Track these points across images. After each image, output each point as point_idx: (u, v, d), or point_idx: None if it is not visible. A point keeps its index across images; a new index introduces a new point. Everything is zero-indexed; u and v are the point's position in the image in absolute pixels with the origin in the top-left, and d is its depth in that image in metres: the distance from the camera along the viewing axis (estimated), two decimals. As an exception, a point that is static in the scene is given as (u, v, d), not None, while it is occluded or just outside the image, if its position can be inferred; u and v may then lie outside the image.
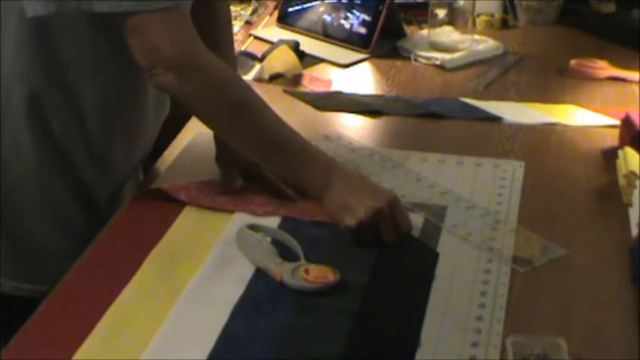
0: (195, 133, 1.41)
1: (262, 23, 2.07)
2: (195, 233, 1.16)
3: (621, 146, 1.32)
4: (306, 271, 1.03)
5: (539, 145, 1.43)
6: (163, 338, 0.95)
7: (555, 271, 1.08)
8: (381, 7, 1.84)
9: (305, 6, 1.98)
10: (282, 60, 1.70)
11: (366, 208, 1.11)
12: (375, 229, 1.12)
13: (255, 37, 1.96)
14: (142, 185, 1.30)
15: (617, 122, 1.42)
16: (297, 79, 1.69)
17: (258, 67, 1.72)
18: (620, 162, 1.27)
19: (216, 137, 1.30)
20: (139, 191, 1.24)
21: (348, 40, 1.88)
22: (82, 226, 1.24)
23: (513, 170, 1.32)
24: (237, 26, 2.03)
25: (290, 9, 2.01)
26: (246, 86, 1.19)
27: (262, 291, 1.03)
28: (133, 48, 1.11)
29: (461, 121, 1.52)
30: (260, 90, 1.64)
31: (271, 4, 2.14)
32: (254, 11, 2.11)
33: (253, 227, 1.13)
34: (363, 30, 1.86)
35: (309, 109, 1.57)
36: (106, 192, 1.27)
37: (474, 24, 1.92)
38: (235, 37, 1.97)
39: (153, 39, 1.09)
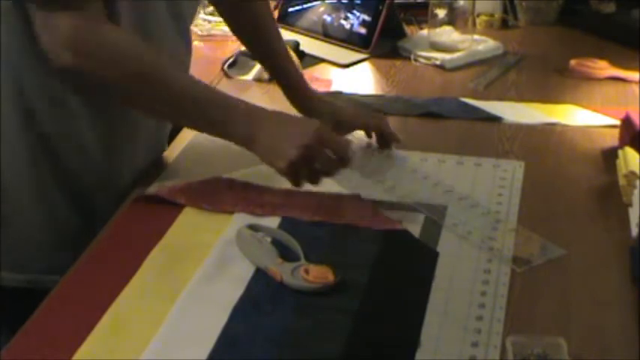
0: (196, 133, 1.41)
1: (262, 23, 2.06)
2: (195, 233, 1.16)
3: (621, 146, 1.32)
4: (306, 271, 1.03)
5: (539, 145, 1.43)
6: (163, 338, 0.95)
7: (555, 271, 1.08)
8: (381, 7, 1.84)
9: (305, 6, 1.98)
10: (282, 60, 1.70)
11: (294, 147, 1.11)
12: (310, 165, 1.13)
13: (255, 37, 1.96)
14: (142, 184, 1.29)
15: (617, 122, 1.42)
16: (297, 79, 1.69)
17: (258, 67, 1.72)
18: (620, 162, 1.27)
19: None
20: (137, 196, 1.24)
21: (348, 40, 1.88)
22: (77, 227, 1.25)
23: (513, 170, 1.32)
24: (237, 26, 2.02)
25: (290, 9, 2.01)
26: (151, 53, 1.15)
27: (262, 291, 1.03)
28: (36, 32, 1.09)
29: (461, 121, 1.52)
30: (260, 90, 1.65)
31: (271, 4, 2.14)
32: (254, 11, 2.11)
33: (253, 227, 1.13)
34: (363, 30, 1.86)
35: (309, 109, 1.57)
36: (106, 200, 1.27)
37: (474, 24, 1.91)
38: (235, 37, 1.97)
39: (49, 19, 1.08)
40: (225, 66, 1.75)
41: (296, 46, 1.76)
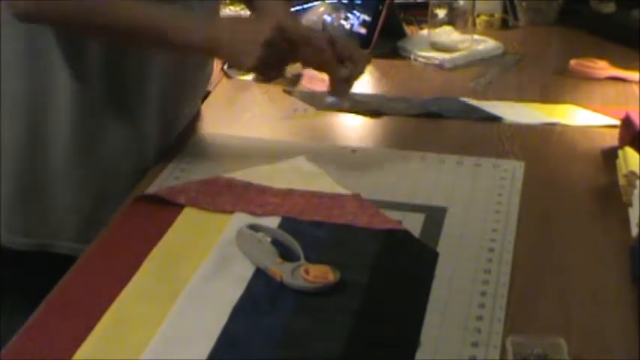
0: (196, 133, 1.41)
1: (262, 23, 2.07)
2: (195, 233, 1.16)
3: (621, 146, 1.32)
4: (306, 271, 1.03)
5: (539, 145, 1.43)
6: (163, 338, 0.95)
7: (555, 271, 1.08)
8: (381, 7, 1.84)
9: (305, 6, 1.98)
10: (282, 60, 1.70)
11: (258, 43, 1.15)
12: (279, 59, 1.18)
13: (255, 37, 1.96)
14: (141, 185, 1.29)
15: (617, 122, 1.42)
16: (297, 79, 1.69)
17: (258, 67, 1.72)
18: (620, 162, 1.27)
19: None
20: (137, 196, 1.24)
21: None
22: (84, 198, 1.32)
23: (513, 170, 1.32)
24: (237, 26, 2.02)
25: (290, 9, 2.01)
26: None
27: (262, 291, 1.03)
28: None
29: (461, 121, 1.52)
30: (260, 90, 1.65)
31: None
32: (254, 11, 2.11)
33: (253, 227, 1.13)
34: (363, 30, 1.86)
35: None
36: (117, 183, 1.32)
37: (474, 24, 1.92)
38: (235, 37, 1.97)
39: None
40: (225, 66, 1.75)
41: (296, 46, 1.76)
